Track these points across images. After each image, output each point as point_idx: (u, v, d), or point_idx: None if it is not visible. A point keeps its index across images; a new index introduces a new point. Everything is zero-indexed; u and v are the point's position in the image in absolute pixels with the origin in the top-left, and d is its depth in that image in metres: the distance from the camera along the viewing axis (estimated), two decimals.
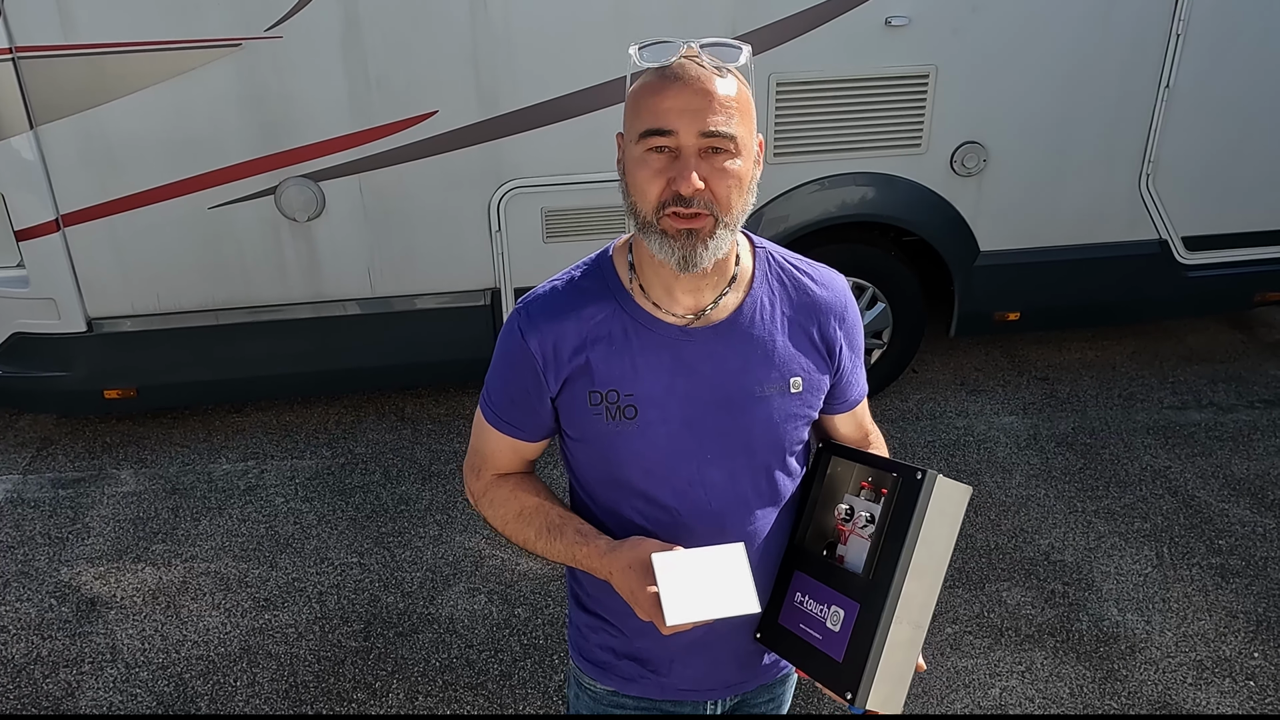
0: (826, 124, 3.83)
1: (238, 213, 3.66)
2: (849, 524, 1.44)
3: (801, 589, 1.47)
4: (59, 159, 3.51)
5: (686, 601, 1.28)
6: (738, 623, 1.48)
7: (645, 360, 1.39)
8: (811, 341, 1.45)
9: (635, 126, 1.30)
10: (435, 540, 3.62)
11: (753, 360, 1.41)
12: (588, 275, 1.44)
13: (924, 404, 4.46)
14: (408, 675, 3.04)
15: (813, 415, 1.48)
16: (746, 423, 1.42)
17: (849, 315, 1.49)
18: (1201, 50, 3.84)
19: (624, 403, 1.39)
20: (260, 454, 4.18)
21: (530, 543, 1.48)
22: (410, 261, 3.85)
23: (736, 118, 1.28)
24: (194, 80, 3.44)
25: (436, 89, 3.58)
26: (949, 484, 1.36)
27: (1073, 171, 4.03)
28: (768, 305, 1.43)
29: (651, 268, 1.38)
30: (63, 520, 3.77)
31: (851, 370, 1.52)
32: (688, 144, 1.27)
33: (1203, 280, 4.29)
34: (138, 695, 2.98)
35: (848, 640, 1.37)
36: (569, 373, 1.40)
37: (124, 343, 3.83)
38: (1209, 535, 3.56)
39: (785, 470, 1.48)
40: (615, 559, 1.36)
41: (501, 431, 1.50)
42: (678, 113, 1.26)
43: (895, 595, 1.34)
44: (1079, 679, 2.97)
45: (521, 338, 1.41)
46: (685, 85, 1.27)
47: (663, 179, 1.28)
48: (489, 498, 1.54)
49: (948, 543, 1.37)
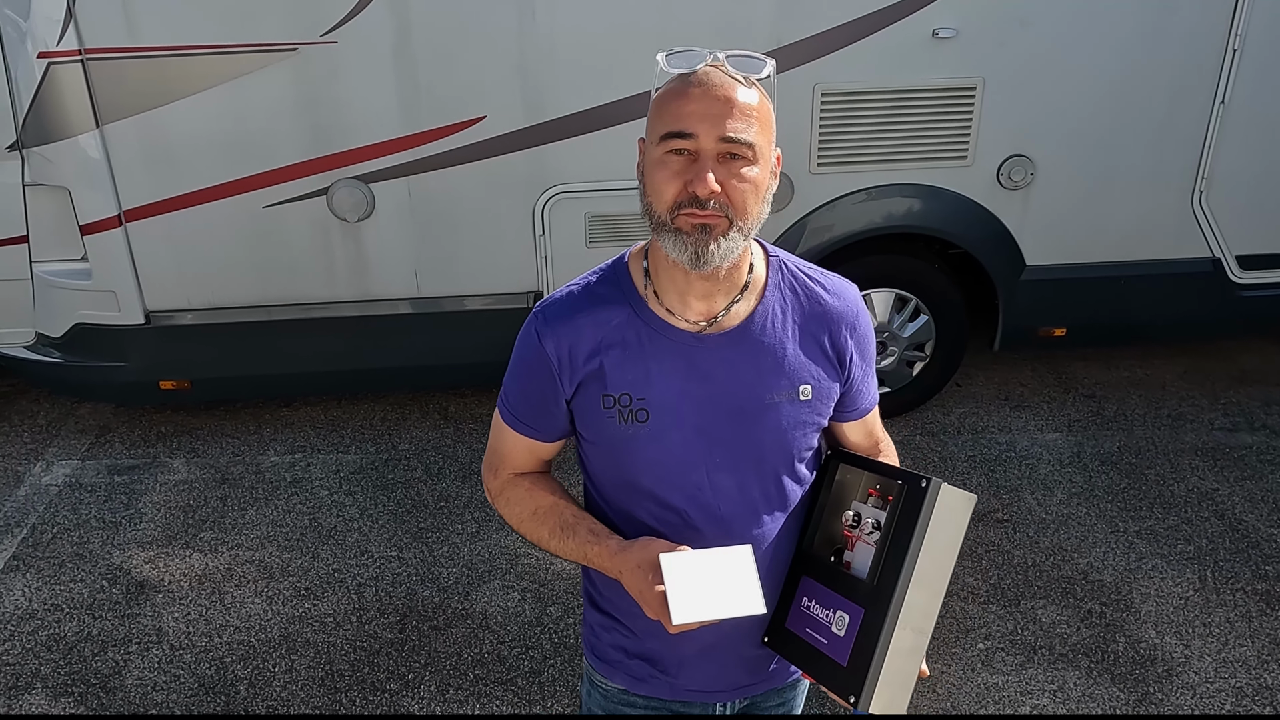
0: (872, 135, 3.82)
1: (290, 212, 3.76)
2: (856, 530, 1.45)
3: (808, 594, 1.49)
4: (122, 157, 3.63)
5: (693, 601, 1.30)
6: (746, 627, 1.50)
7: (658, 365, 1.42)
8: (822, 350, 1.47)
9: (657, 129, 1.33)
10: (473, 537, 3.69)
11: (764, 368, 1.43)
12: (603, 281, 1.47)
13: (966, 418, 4.42)
14: (440, 668, 3.10)
15: (822, 423, 1.50)
16: (756, 429, 1.44)
17: (860, 324, 1.50)
18: (1258, 66, 3.76)
19: (636, 406, 1.42)
20: (307, 447, 4.29)
21: (544, 541, 1.52)
22: (455, 263, 3.92)
23: (756, 126, 1.31)
24: (251, 83, 3.55)
25: (484, 95, 3.65)
26: (953, 492, 1.37)
27: (1122, 187, 3.96)
28: (779, 313, 1.45)
29: (666, 274, 1.41)
30: (117, 505, 3.90)
31: (862, 379, 1.53)
32: (706, 147, 1.30)
33: (1257, 300, 4.19)
34: (180, 676, 3.08)
35: (852, 645, 1.39)
36: (583, 376, 1.43)
37: (179, 336, 3.95)
38: (1255, 560, 3.48)
39: (794, 477, 1.50)
40: (625, 558, 1.39)
41: (518, 432, 1.54)
42: (699, 117, 1.29)
43: (899, 601, 1.35)
44: (1112, 700, 2.93)
45: (538, 340, 1.45)
46: (707, 91, 1.30)
47: (680, 180, 1.31)
48: (505, 496, 1.58)
49: (952, 550, 1.38)
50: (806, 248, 3.93)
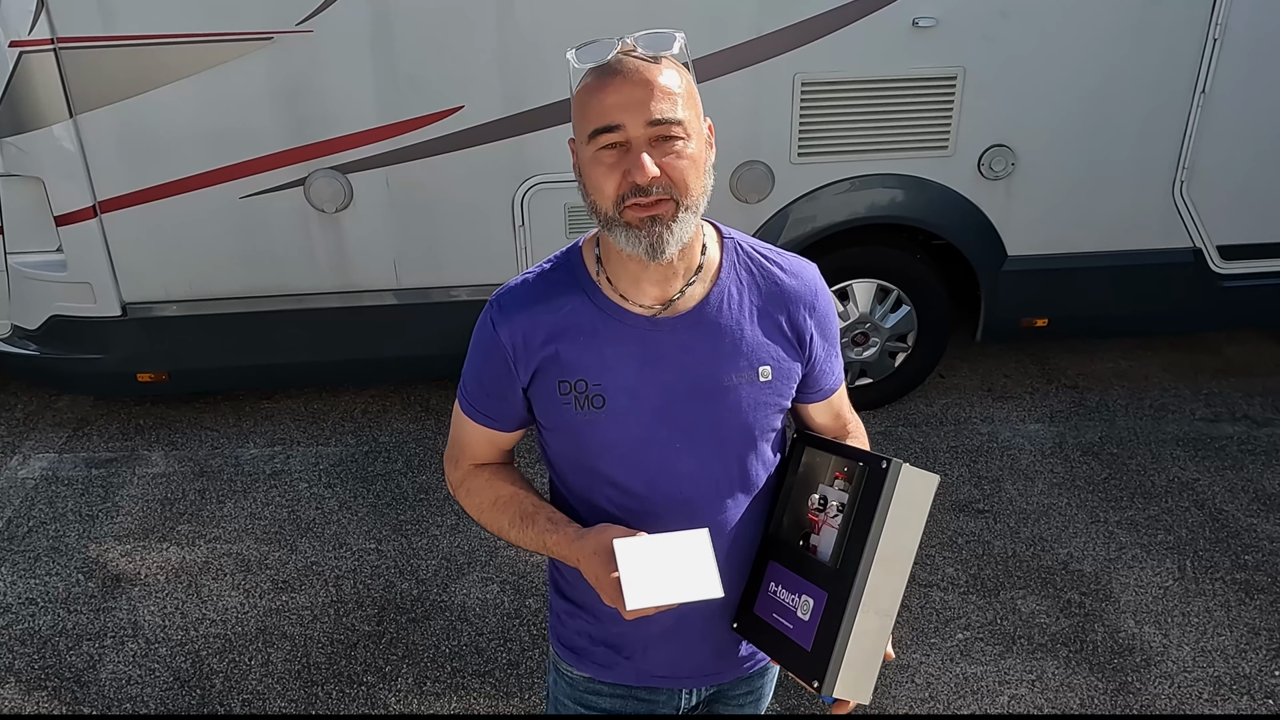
0: (852, 125, 3.80)
1: (268, 203, 3.73)
2: (822, 514, 1.44)
3: (775, 579, 1.48)
4: (97, 147, 3.60)
5: (648, 586, 1.29)
6: (712, 611, 1.49)
7: (613, 350, 1.40)
8: (781, 330, 1.45)
9: (583, 128, 1.32)
10: (452, 529, 3.67)
11: (721, 349, 1.42)
12: (558, 268, 1.46)
13: (949, 409, 4.41)
14: (418, 660, 3.08)
15: (784, 404, 1.49)
16: (716, 412, 1.42)
17: (819, 304, 1.49)
18: (1239, 55, 3.75)
19: (592, 392, 1.40)
20: (287, 440, 4.26)
21: (504, 531, 1.51)
22: (435, 254, 3.90)
23: (680, 103, 1.30)
24: (227, 72, 3.52)
25: (463, 84, 3.62)
26: (915, 473, 1.36)
27: (1103, 177, 3.95)
28: (735, 294, 1.44)
29: (618, 260, 1.40)
30: (94, 499, 3.87)
31: (825, 359, 1.52)
32: (636, 135, 1.28)
33: (1238, 291, 4.19)
34: (155, 670, 3.05)
35: (816, 629, 1.38)
36: (539, 363, 1.42)
37: (157, 328, 3.92)
38: (1235, 550, 3.49)
39: (758, 459, 1.49)
40: (582, 545, 1.38)
41: (476, 422, 1.52)
42: (621, 107, 1.28)
43: (861, 584, 1.34)
44: (1090, 690, 2.93)
45: (493, 329, 1.44)
46: (625, 79, 1.29)
47: (617, 173, 1.29)
48: (466, 487, 1.57)
49: (915, 532, 1.37)
50: (788, 238, 3.92)
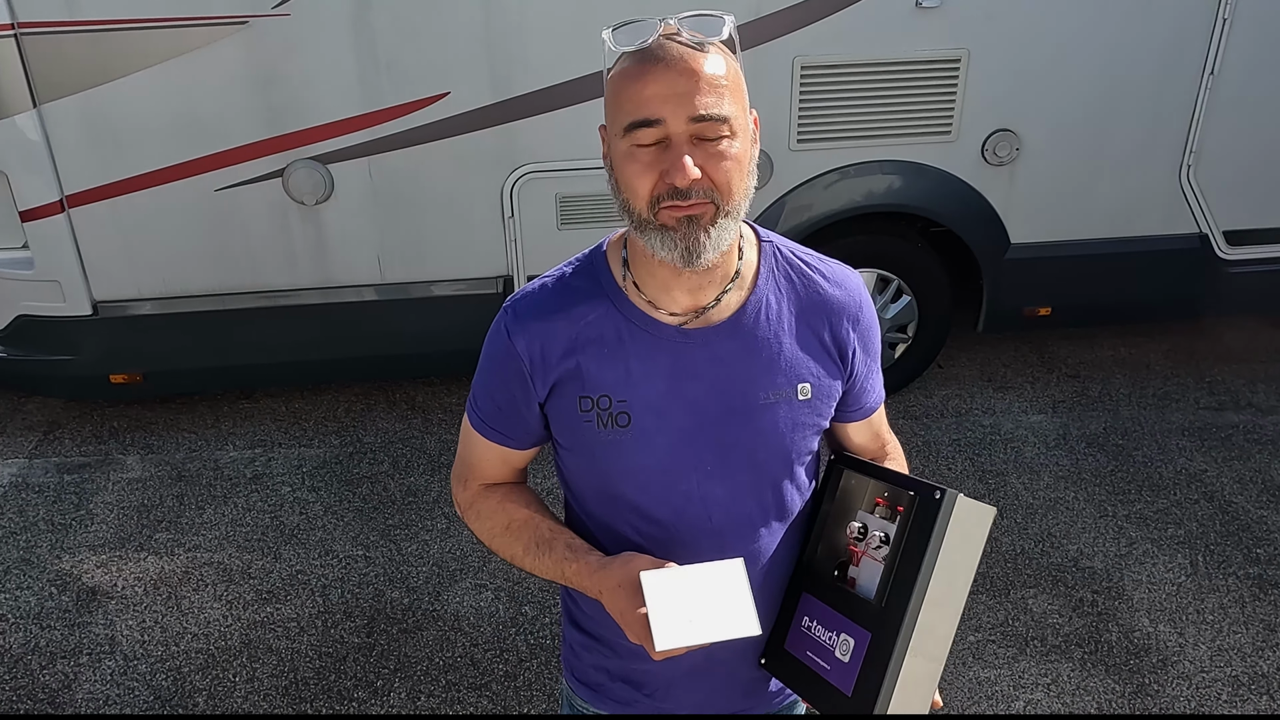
0: (853, 110, 3.68)
1: (245, 195, 3.58)
2: (861, 544, 1.32)
3: (809, 613, 1.36)
4: (63, 139, 3.43)
5: (678, 624, 1.17)
6: (741, 647, 1.37)
7: (640, 364, 1.28)
8: (822, 344, 1.33)
9: (618, 119, 1.17)
10: (443, 534, 3.54)
11: (757, 364, 1.29)
12: (579, 272, 1.32)
13: (950, 400, 4.32)
14: (410, 674, 2.96)
15: (823, 424, 1.36)
16: (750, 433, 1.30)
17: (864, 316, 1.36)
18: (1248, 37, 3.66)
19: (616, 409, 1.28)
20: (268, 441, 4.11)
21: (519, 558, 1.38)
22: (421, 247, 3.76)
23: (728, 96, 1.16)
24: (200, 59, 3.35)
25: (448, 70, 3.47)
26: (971, 505, 1.23)
27: (1109, 162, 3.86)
28: (774, 304, 1.31)
29: (647, 264, 1.26)
30: (66, 506, 3.72)
31: (866, 375, 1.40)
32: (677, 131, 1.14)
33: (1245, 276, 4.11)
34: (134, 689, 2.92)
35: (857, 673, 1.26)
36: (557, 377, 1.29)
37: (130, 327, 3.76)
38: (1246, 543, 3.41)
39: (793, 484, 1.37)
40: (605, 577, 1.25)
41: (488, 439, 1.39)
42: (663, 99, 1.14)
43: (910, 626, 1.22)
44: (1107, 693, 2.84)
45: (508, 338, 1.30)
46: (668, 67, 1.14)
47: (654, 172, 1.16)
48: (476, 509, 1.44)
49: (969, 569, 1.25)
50: (786, 227, 3.80)
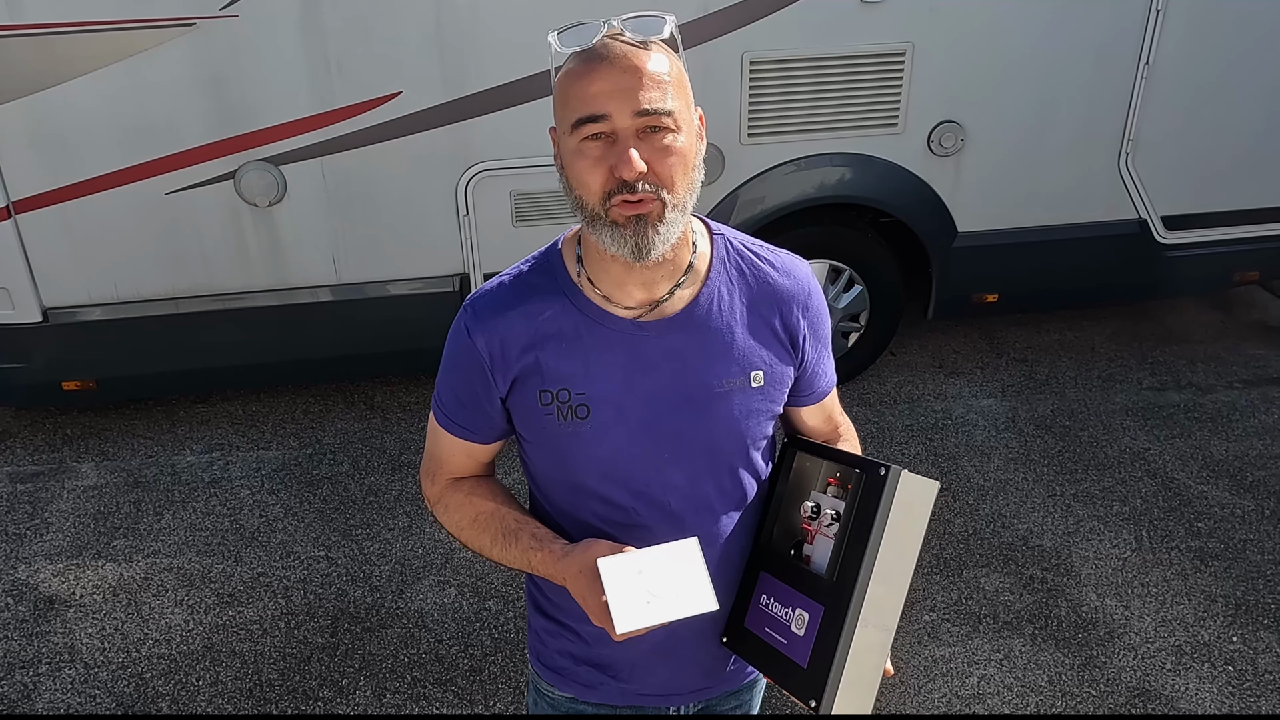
0: (802, 104, 3.74)
1: (196, 198, 3.55)
2: (815, 523, 1.37)
3: (767, 591, 1.41)
4: (9, 144, 3.38)
5: (637, 605, 1.21)
6: (703, 626, 1.42)
7: (598, 357, 1.32)
8: (773, 332, 1.38)
9: (566, 117, 1.22)
10: (405, 532, 3.55)
11: (711, 354, 1.34)
12: (536, 269, 1.36)
13: (902, 387, 4.41)
14: (375, 672, 2.97)
15: (777, 410, 1.41)
16: (706, 420, 1.34)
17: (813, 303, 1.42)
18: (1181, 27, 3.77)
19: (575, 402, 1.31)
20: (225, 445, 4.08)
21: (486, 549, 1.41)
22: (376, 247, 3.75)
23: (671, 92, 1.21)
24: (147, 61, 3.32)
25: (400, 69, 3.47)
26: (915, 479, 1.29)
27: (1052, 151, 3.96)
28: (726, 295, 1.36)
29: (601, 260, 1.31)
30: (20, 516, 3.67)
31: (817, 361, 1.45)
32: (623, 126, 1.19)
33: (1182, 260, 4.24)
34: (97, 696, 2.90)
35: (812, 645, 1.31)
36: (518, 372, 1.33)
37: (82, 333, 3.71)
38: (1188, 518, 3.53)
39: (749, 468, 1.42)
40: (568, 564, 1.29)
41: (453, 434, 1.42)
42: (608, 95, 1.18)
43: (859, 598, 1.27)
44: (1057, 666, 2.93)
45: (468, 336, 1.34)
46: (612, 65, 1.19)
47: (603, 167, 1.20)
48: (444, 503, 1.47)
49: (915, 541, 1.31)
50: (739, 221, 3.85)
